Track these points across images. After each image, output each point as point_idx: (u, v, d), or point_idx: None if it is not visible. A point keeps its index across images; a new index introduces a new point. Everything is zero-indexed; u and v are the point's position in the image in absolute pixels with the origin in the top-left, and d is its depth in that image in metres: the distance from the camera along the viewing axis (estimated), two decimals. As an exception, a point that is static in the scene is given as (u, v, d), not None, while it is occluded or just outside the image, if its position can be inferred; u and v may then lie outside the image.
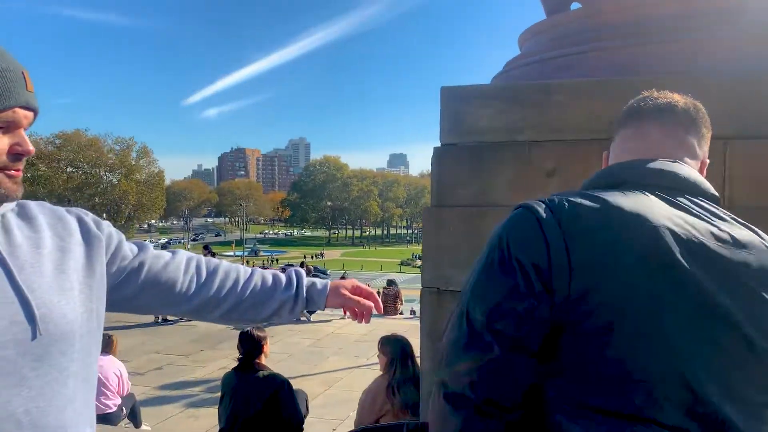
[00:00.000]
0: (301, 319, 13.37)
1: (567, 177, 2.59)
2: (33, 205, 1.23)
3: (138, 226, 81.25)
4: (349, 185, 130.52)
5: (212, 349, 10.77)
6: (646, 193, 1.12)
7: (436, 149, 2.82)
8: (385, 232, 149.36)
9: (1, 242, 1.10)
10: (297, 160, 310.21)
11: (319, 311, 14.77)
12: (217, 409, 4.24)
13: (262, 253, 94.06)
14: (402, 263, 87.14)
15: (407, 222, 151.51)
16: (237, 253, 78.33)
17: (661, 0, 2.81)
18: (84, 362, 1.15)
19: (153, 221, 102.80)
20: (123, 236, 1.36)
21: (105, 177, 69.02)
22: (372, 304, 1.56)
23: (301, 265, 16.03)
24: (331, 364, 10.15)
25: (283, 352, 10.35)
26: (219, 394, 4.28)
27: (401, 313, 16.61)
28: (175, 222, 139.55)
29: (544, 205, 1.12)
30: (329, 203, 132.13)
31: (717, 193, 1.21)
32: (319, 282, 1.55)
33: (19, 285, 1.06)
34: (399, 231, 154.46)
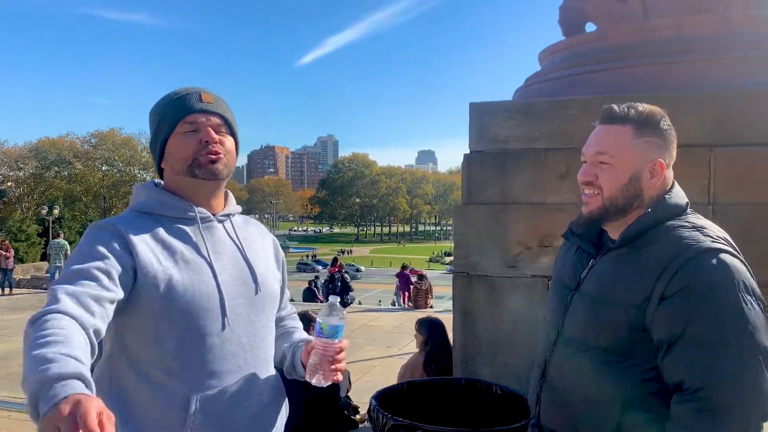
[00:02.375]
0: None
1: (576, 179, 3.06)
2: (249, 218, 1.83)
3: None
4: (377, 182, 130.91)
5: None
6: None
7: (465, 155, 3.32)
8: (414, 228, 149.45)
9: (236, 231, 1.68)
10: (326, 157, 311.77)
11: (354, 305, 15.35)
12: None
13: (291, 250, 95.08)
14: (431, 260, 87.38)
15: (436, 218, 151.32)
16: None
17: (658, 25, 3.26)
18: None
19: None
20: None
21: (139, 175, 70.37)
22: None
23: (334, 261, 16.58)
24: (365, 354, 10.64)
25: (319, 342, 10.88)
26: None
27: (431, 307, 17.07)
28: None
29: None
30: (358, 200, 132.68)
31: None
32: None
33: (247, 258, 1.65)
34: (427, 228, 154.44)
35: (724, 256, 1.47)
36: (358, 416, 4.86)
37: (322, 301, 21.15)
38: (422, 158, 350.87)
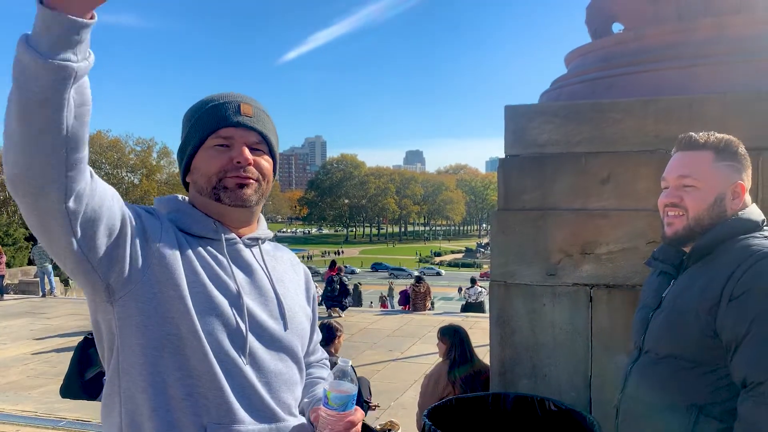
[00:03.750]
0: (333, 315, 13.85)
1: (619, 184, 2.98)
2: (280, 245, 1.62)
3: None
4: (366, 183, 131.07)
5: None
6: None
7: (501, 160, 3.22)
8: (403, 229, 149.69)
9: (265, 258, 1.48)
10: (314, 158, 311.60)
11: (351, 308, 15.25)
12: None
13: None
14: (420, 260, 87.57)
15: (425, 219, 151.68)
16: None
17: (695, 26, 3.18)
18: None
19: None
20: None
21: (126, 177, 69.96)
22: None
23: (332, 264, 16.42)
24: (367, 358, 10.56)
25: (321, 346, 10.79)
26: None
27: (430, 309, 17.00)
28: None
29: None
30: (347, 201, 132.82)
31: None
32: None
33: (276, 290, 1.44)
34: (416, 228, 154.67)
35: None
36: (379, 426, 4.76)
37: (319, 304, 21.09)
38: (410, 158, 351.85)
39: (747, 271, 1.56)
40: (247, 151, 1.37)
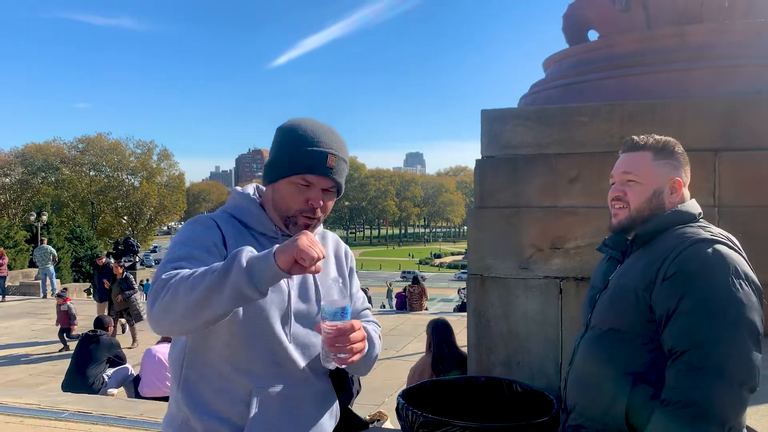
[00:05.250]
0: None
1: (586, 183, 3.18)
2: (327, 232, 1.95)
3: (159, 228, 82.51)
4: (366, 185, 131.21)
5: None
6: None
7: (477, 161, 3.42)
8: (403, 231, 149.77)
9: None
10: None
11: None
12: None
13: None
14: (420, 262, 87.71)
15: (425, 221, 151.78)
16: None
17: (660, 34, 3.39)
18: None
19: (173, 223, 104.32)
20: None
21: (127, 180, 69.94)
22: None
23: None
24: (362, 356, 10.74)
25: (318, 344, 10.95)
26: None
27: (426, 309, 17.18)
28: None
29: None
30: (347, 203, 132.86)
31: None
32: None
33: (315, 279, 1.75)
34: (417, 230, 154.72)
35: (718, 246, 1.75)
36: (368, 416, 4.94)
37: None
38: (410, 160, 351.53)
39: (679, 255, 1.75)
40: (320, 198, 1.68)
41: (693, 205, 1.96)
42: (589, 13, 3.99)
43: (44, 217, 33.91)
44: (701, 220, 1.93)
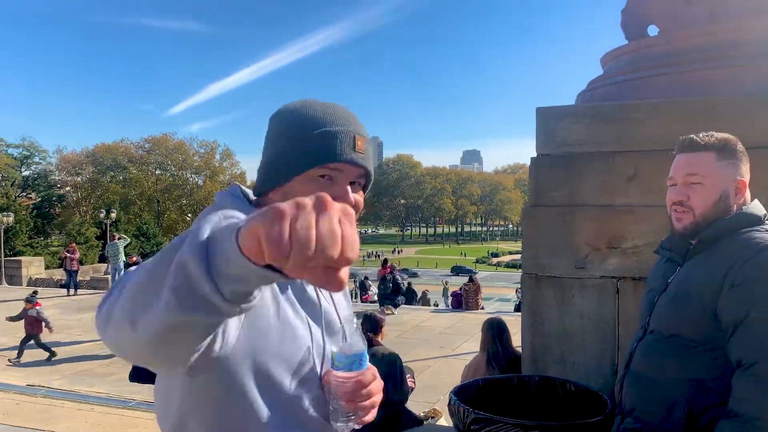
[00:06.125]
0: (387, 312, 14.14)
1: (644, 181, 3.13)
2: None
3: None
4: (422, 183, 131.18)
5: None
6: None
7: (533, 159, 3.41)
8: (459, 229, 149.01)
9: None
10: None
11: (404, 306, 15.48)
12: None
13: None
14: (477, 261, 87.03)
15: (482, 219, 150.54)
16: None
17: (729, 28, 3.28)
18: None
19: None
20: None
21: (191, 179, 72.23)
22: None
23: (384, 263, 16.69)
24: (417, 354, 10.78)
25: (372, 341, 11.09)
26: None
27: (482, 308, 17.07)
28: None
29: None
30: (403, 201, 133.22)
31: None
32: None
33: (335, 305, 1.33)
34: (473, 228, 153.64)
35: None
36: (422, 413, 4.99)
37: (368, 301, 21.37)
38: (467, 158, 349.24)
39: (747, 262, 1.70)
40: (350, 193, 1.23)
41: (758, 207, 1.90)
42: (649, 7, 3.90)
43: (113, 215, 35.44)
44: (766, 222, 1.88)
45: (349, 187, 1.23)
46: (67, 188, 68.72)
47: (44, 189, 63.96)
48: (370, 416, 1.21)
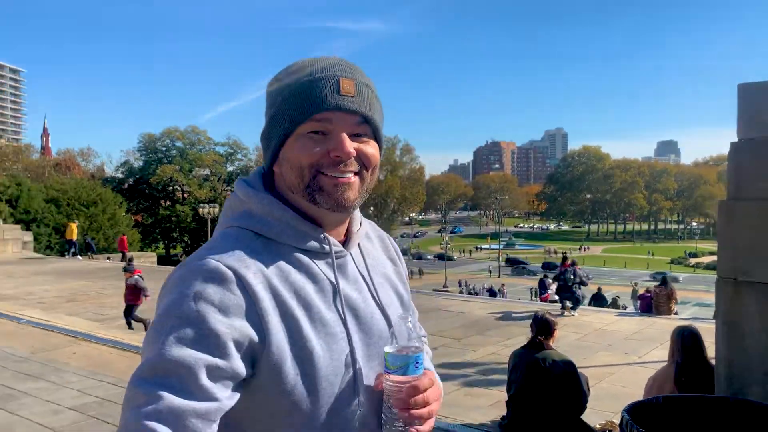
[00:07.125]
0: (565, 314, 13.48)
1: None
2: (365, 222, 1.32)
3: (400, 218, 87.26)
4: (610, 176, 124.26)
5: (481, 335, 11.47)
6: None
7: (732, 144, 2.92)
8: (652, 227, 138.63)
9: (365, 260, 1.24)
10: (553, 151, 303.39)
11: (586, 308, 14.62)
12: (490, 390, 4.74)
13: (517, 247, 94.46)
14: (673, 261, 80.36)
15: (678, 216, 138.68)
16: (492, 246, 79.90)
17: None
18: None
19: (413, 214, 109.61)
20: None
21: (372, 174, 75.54)
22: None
23: (564, 259, 15.94)
24: (599, 359, 10.11)
25: (550, 343, 10.64)
26: (491, 376, 4.75)
27: (676, 313, 15.62)
28: (433, 215, 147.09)
29: None
30: (588, 196, 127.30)
31: None
32: None
33: (379, 302, 1.19)
34: (668, 226, 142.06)
35: None
36: (599, 425, 4.60)
37: (547, 301, 20.61)
38: (662, 149, 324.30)
39: None
40: (347, 142, 1.10)
41: None
42: None
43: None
44: None
45: (345, 136, 1.10)
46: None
47: (245, 183, 70.96)
48: (427, 426, 1.09)
